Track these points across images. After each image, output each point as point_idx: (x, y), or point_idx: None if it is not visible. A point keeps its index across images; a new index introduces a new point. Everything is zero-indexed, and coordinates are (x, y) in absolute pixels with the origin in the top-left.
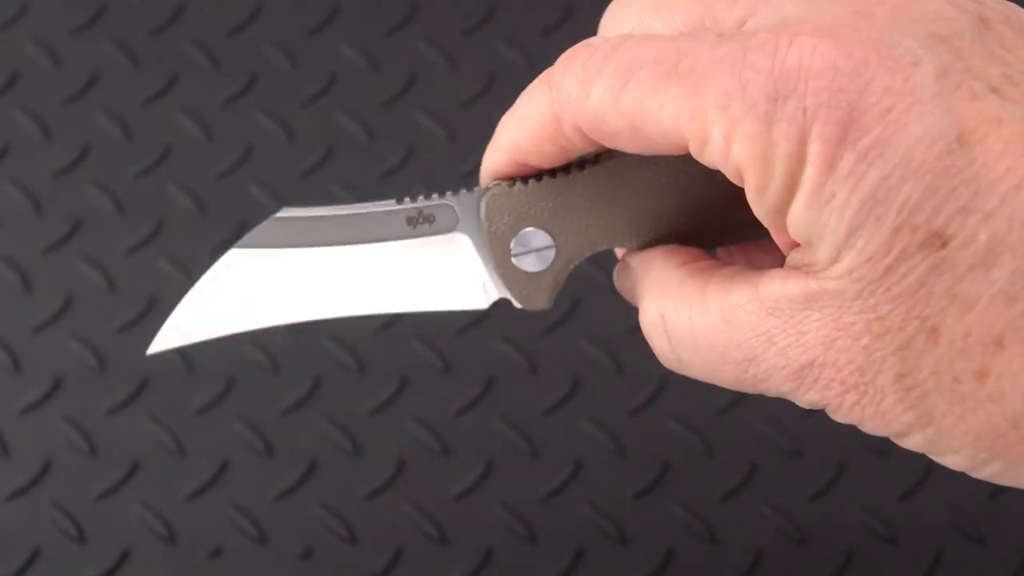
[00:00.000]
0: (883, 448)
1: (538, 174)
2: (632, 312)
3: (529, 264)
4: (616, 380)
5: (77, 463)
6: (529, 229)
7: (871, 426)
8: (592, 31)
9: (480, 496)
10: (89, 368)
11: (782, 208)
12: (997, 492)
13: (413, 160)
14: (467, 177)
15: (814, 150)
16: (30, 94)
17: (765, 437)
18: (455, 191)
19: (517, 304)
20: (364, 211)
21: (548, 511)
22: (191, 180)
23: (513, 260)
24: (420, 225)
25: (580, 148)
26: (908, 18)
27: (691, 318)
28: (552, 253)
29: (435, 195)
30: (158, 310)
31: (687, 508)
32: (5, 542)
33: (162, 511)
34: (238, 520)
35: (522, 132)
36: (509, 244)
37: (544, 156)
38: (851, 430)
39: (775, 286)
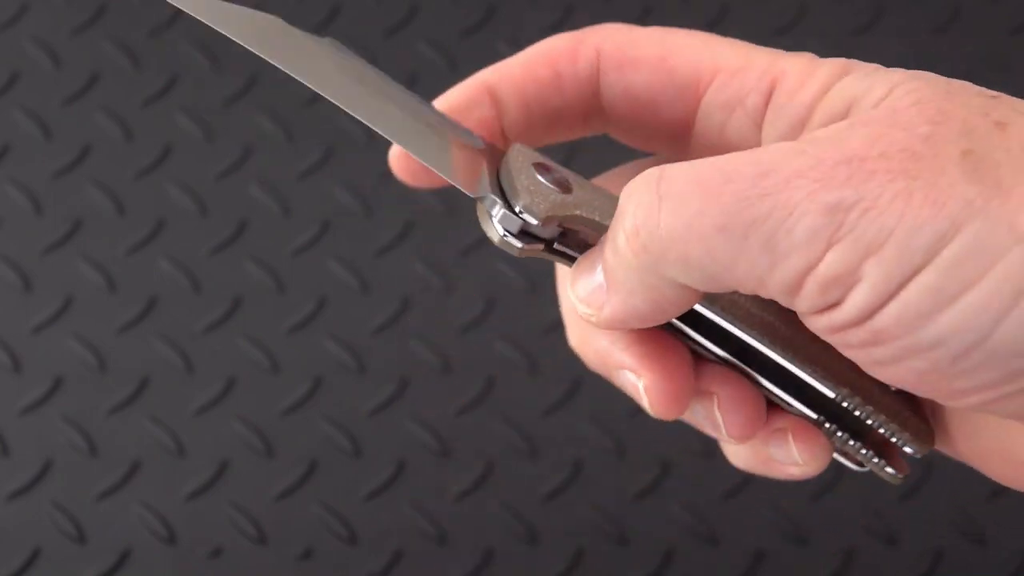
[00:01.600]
0: None
1: None
2: None
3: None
4: None
5: (77, 463)
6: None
7: (913, 219)
8: None
9: (480, 496)
10: (89, 368)
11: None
12: (997, 492)
13: None
14: None
15: None
16: (30, 94)
17: None
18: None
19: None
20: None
21: (548, 511)
22: (191, 180)
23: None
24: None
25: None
26: None
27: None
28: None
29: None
30: (158, 310)
31: (687, 508)
32: (5, 542)
33: (162, 511)
34: (238, 520)
35: None
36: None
37: None
38: None
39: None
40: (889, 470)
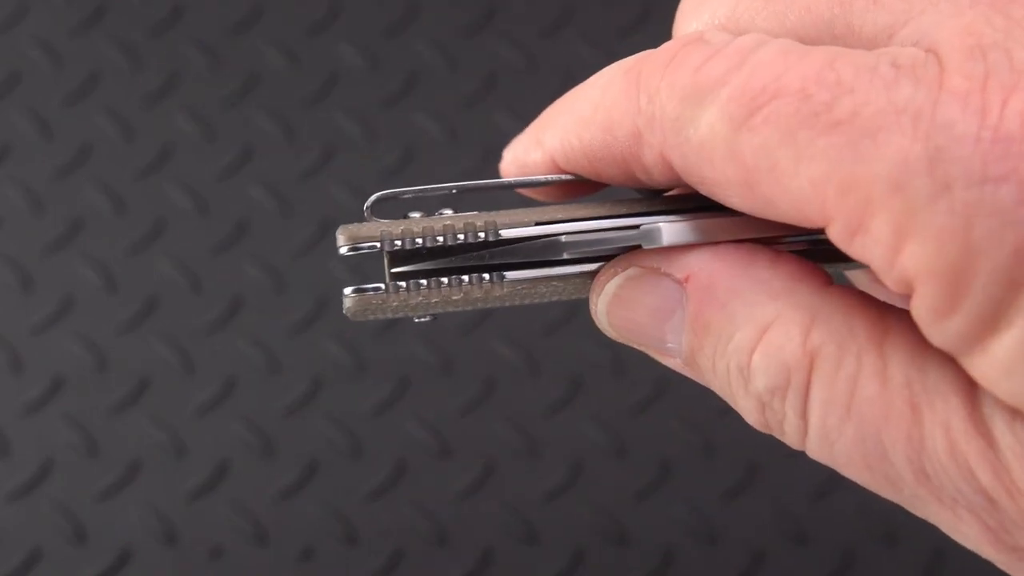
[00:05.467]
0: None
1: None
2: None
3: None
4: (616, 380)
5: (77, 463)
6: None
7: None
8: (592, 32)
9: (480, 496)
10: (89, 368)
11: (974, 343)
12: None
13: (413, 160)
14: (465, 176)
15: None
16: (30, 94)
17: (765, 437)
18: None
19: None
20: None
21: (548, 511)
22: (191, 180)
23: None
24: None
25: (658, 184)
26: None
27: (857, 376)
28: None
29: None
30: (158, 310)
31: (687, 508)
32: (5, 542)
33: (162, 511)
34: (238, 520)
35: (579, 137)
36: None
37: (601, 176)
38: None
39: (1001, 418)
40: None
